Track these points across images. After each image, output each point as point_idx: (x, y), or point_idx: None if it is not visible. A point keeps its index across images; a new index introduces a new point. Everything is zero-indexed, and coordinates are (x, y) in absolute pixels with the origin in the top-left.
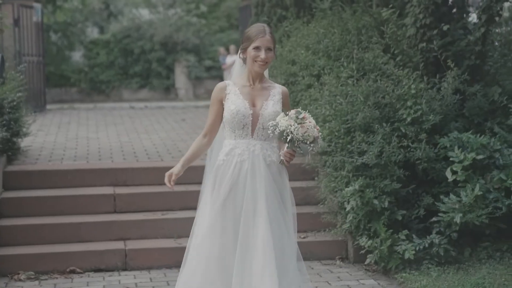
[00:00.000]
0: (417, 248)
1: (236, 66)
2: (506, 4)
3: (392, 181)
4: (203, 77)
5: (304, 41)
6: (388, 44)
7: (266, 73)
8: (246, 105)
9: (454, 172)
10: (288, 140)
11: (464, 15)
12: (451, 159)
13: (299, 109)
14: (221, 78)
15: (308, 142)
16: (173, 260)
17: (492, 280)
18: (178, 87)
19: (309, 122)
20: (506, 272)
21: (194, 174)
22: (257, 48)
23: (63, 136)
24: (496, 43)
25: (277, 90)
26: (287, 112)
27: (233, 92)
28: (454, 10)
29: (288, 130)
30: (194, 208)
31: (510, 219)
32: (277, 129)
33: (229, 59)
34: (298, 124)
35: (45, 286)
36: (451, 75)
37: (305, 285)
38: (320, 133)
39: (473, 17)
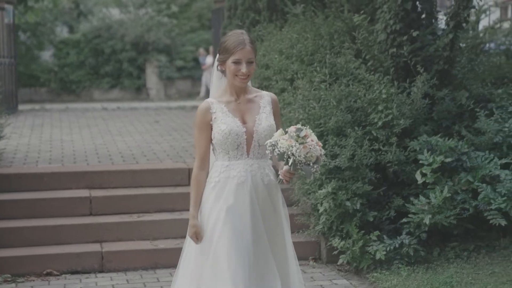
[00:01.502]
0: (388, 249)
1: (214, 79)
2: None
3: (364, 183)
4: (174, 78)
5: (278, 46)
6: (360, 49)
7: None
8: (238, 123)
9: (423, 175)
10: (290, 163)
11: (433, 21)
12: (420, 161)
13: (299, 126)
14: (192, 79)
15: (311, 164)
16: (149, 262)
17: (459, 279)
18: (149, 87)
19: (311, 140)
20: (473, 271)
21: (169, 177)
22: (237, 62)
23: (37, 138)
24: (463, 45)
25: (266, 99)
26: (286, 130)
27: (219, 110)
28: (423, 16)
29: (289, 152)
30: (169, 210)
31: (477, 220)
32: (276, 149)
33: (208, 60)
34: (300, 144)
35: None
36: (421, 79)
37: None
38: (323, 150)
39: (441, 22)
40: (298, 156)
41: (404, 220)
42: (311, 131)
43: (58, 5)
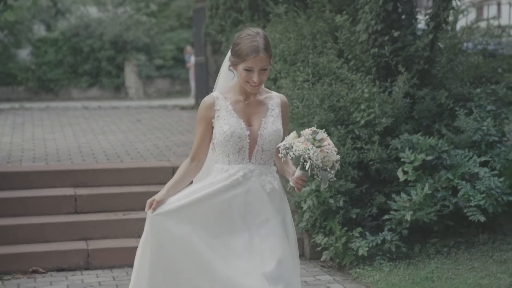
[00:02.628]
0: (370, 245)
1: (221, 75)
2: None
3: (347, 181)
4: (153, 76)
5: None
6: (342, 49)
7: None
8: (242, 125)
9: (405, 172)
10: (307, 167)
11: (413, 22)
12: (402, 159)
13: (315, 128)
14: (172, 77)
15: (328, 169)
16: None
17: (440, 274)
18: (128, 86)
19: (328, 143)
20: (453, 267)
21: (154, 175)
22: (248, 70)
23: (19, 137)
24: (440, 44)
25: (275, 101)
26: (300, 132)
27: (224, 108)
28: (403, 17)
29: (306, 155)
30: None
31: (456, 217)
32: (291, 152)
33: (193, 59)
34: (316, 147)
35: (8, 286)
36: (402, 79)
37: None
38: (338, 155)
39: (420, 23)
40: (316, 160)
41: (386, 217)
42: (327, 134)
43: (37, 4)
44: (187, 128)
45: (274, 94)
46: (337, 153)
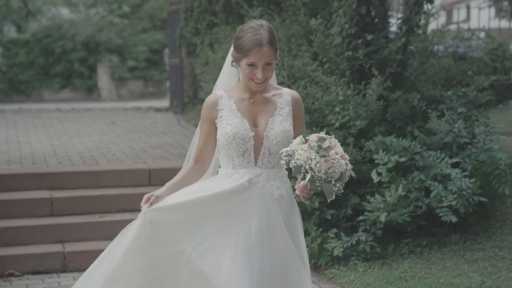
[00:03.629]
0: (345, 246)
1: (224, 72)
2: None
3: None
4: (126, 78)
5: None
6: (317, 52)
7: (273, 76)
8: (246, 126)
9: (379, 174)
10: (307, 179)
11: (386, 25)
12: (376, 161)
13: (323, 134)
14: (145, 79)
15: (333, 181)
16: None
17: (413, 273)
18: (101, 88)
19: (336, 153)
20: (425, 266)
21: (130, 177)
22: (252, 65)
23: None
24: (412, 48)
25: (285, 98)
26: (307, 137)
27: (227, 107)
28: (377, 20)
29: (307, 166)
30: (130, 210)
31: (429, 217)
32: (292, 160)
33: None
34: (320, 157)
35: None
36: (375, 82)
37: None
38: (349, 164)
39: (393, 26)
40: (318, 171)
41: (361, 218)
42: (337, 141)
43: (9, 5)
44: (162, 130)
45: (285, 91)
46: (349, 161)
